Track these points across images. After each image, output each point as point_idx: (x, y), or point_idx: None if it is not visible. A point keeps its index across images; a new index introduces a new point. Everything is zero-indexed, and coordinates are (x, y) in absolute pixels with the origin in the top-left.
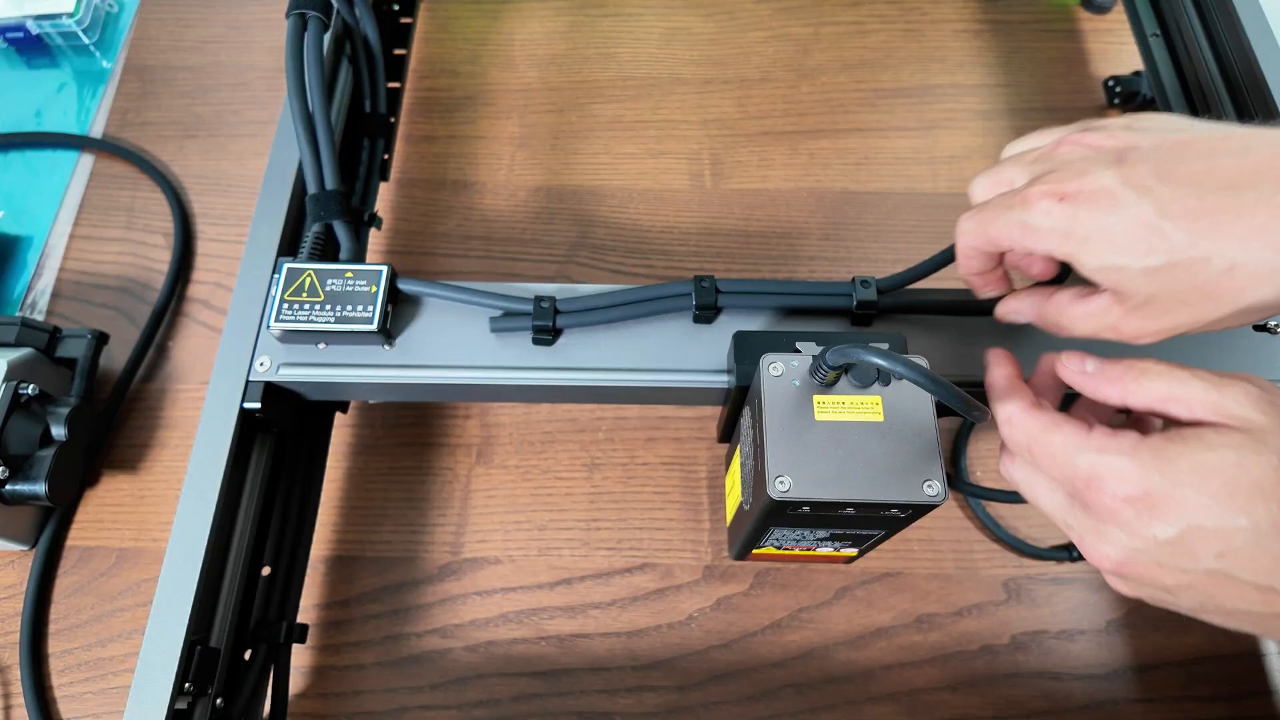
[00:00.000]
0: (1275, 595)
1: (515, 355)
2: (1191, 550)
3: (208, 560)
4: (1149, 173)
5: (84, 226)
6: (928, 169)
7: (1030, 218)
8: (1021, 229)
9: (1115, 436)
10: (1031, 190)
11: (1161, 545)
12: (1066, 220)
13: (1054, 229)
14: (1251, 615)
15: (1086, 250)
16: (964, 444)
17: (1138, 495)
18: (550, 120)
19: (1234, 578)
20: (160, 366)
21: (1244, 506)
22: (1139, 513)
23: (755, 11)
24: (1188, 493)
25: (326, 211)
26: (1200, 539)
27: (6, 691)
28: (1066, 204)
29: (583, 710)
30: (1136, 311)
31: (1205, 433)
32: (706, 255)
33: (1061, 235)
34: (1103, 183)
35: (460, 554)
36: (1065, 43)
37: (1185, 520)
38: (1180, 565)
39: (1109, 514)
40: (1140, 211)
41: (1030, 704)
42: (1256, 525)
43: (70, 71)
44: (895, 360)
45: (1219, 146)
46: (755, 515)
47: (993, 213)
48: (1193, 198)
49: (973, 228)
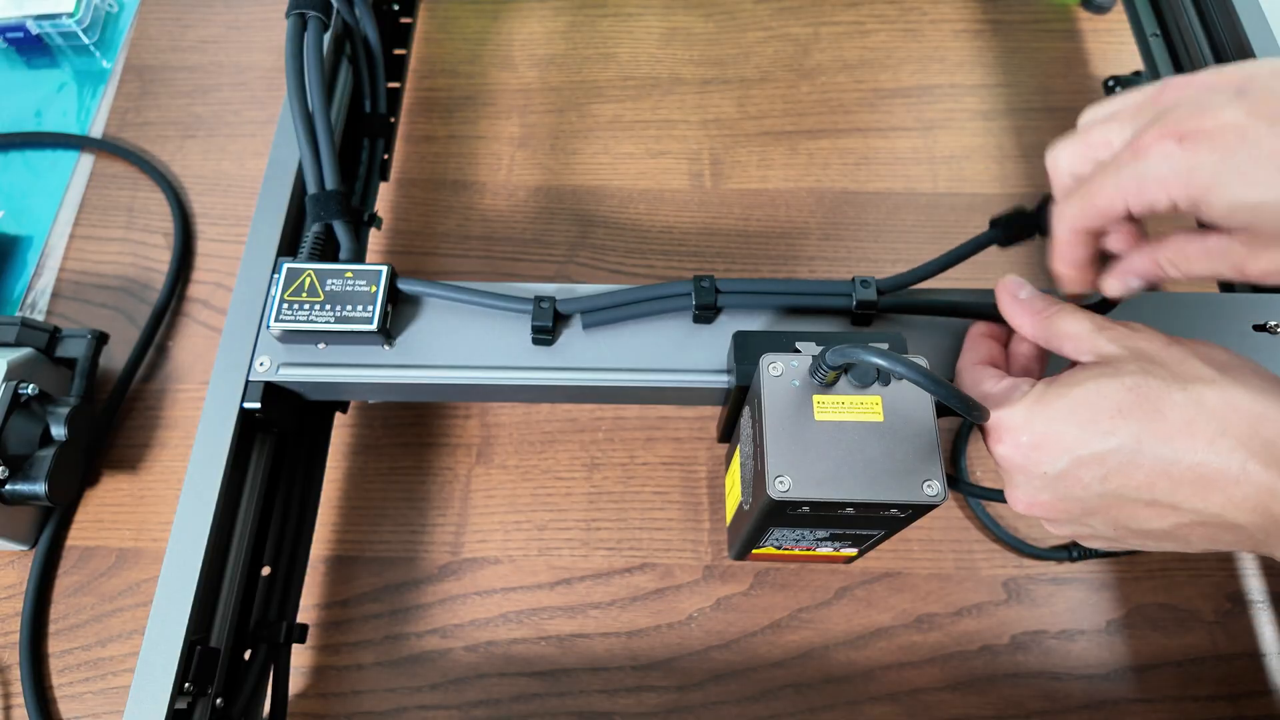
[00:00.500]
0: (1163, 508)
1: (515, 355)
2: (1079, 478)
3: (208, 560)
4: (1276, 101)
5: (84, 226)
6: (927, 169)
7: (1147, 167)
8: (1137, 183)
9: (1010, 390)
10: (1144, 137)
11: (1054, 480)
12: (1189, 162)
13: (1176, 174)
14: (1159, 532)
15: (1215, 192)
16: (964, 444)
17: (1026, 440)
18: (550, 120)
19: (1123, 497)
20: (160, 366)
21: (1108, 428)
22: (1027, 454)
23: (755, 11)
24: (1063, 428)
25: (326, 211)
26: (1082, 466)
27: (6, 691)
28: (1188, 144)
29: (582, 710)
30: (1267, 248)
31: (1076, 372)
32: (706, 255)
33: (1185, 181)
34: (1227, 117)
35: (460, 554)
36: (1065, 43)
37: (1068, 453)
38: (1075, 495)
39: (1008, 461)
40: (1274, 143)
41: (1030, 704)
42: (1123, 444)
43: (70, 71)
44: (895, 360)
45: None
46: (755, 515)
47: (1099, 181)
48: None
49: (1079, 207)
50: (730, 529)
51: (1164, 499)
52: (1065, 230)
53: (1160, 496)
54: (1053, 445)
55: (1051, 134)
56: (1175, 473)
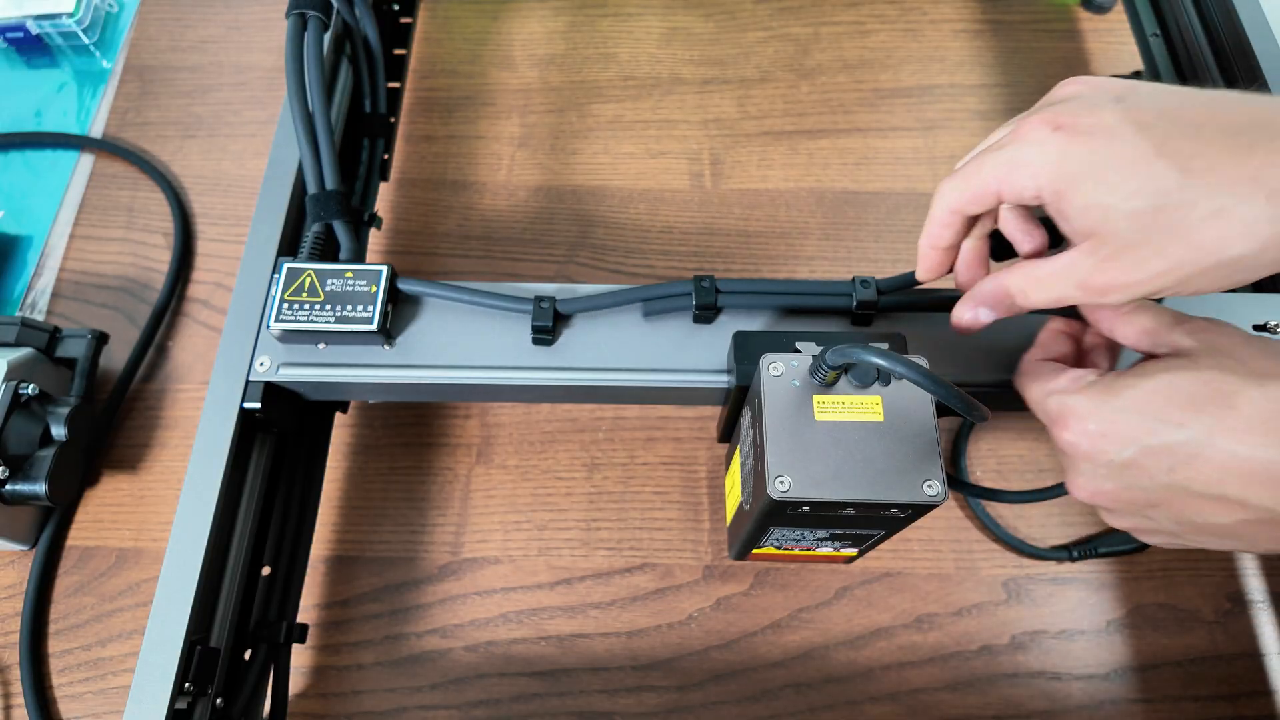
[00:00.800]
0: (1231, 504)
1: (515, 355)
2: (1146, 469)
3: (208, 560)
4: (1150, 111)
5: (84, 226)
6: (927, 169)
7: (1021, 151)
8: (1009, 166)
9: (1078, 379)
10: (1027, 122)
11: (1120, 469)
12: (1060, 150)
13: (1046, 161)
14: (1223, 529)
15: (1076, 186)
16: (964, 444)
17: (1094, 428)
18: (550, 120)
19: (1189, 490)
20: (160, 366)
21: (1180, 420)
22: (1094, 442)
23: (755, 11)
24: (1133, 417)
25: (326, 211)
26: (1150, 457)
27: (6, 691)
28: (1062, 133)
29: (582, 710)
30: (1111, 260)
31: (1150, 364)
32: (706, 255)
33: (1054, 166)
34: (1102, 117)
35: (460, 554)
36: (1065, 43)
37: (1136, 443)
38: (1140, 484)
39: (1074, 448)
40: (1136, 147)
41: (1030, 704)
42: (1193, 437)
43: (70, 71)
44: (895, 360)
45: (1220, 97)
46: (755, 515)
47: (978, 161)
48: (1189, 138)
49: (956, 186)
50: (730, 529)
51: (1233, 495)
52: (940, 208)
53: (1229, 492)
54: (1121, 434)
55: None
56: (1246, 469)
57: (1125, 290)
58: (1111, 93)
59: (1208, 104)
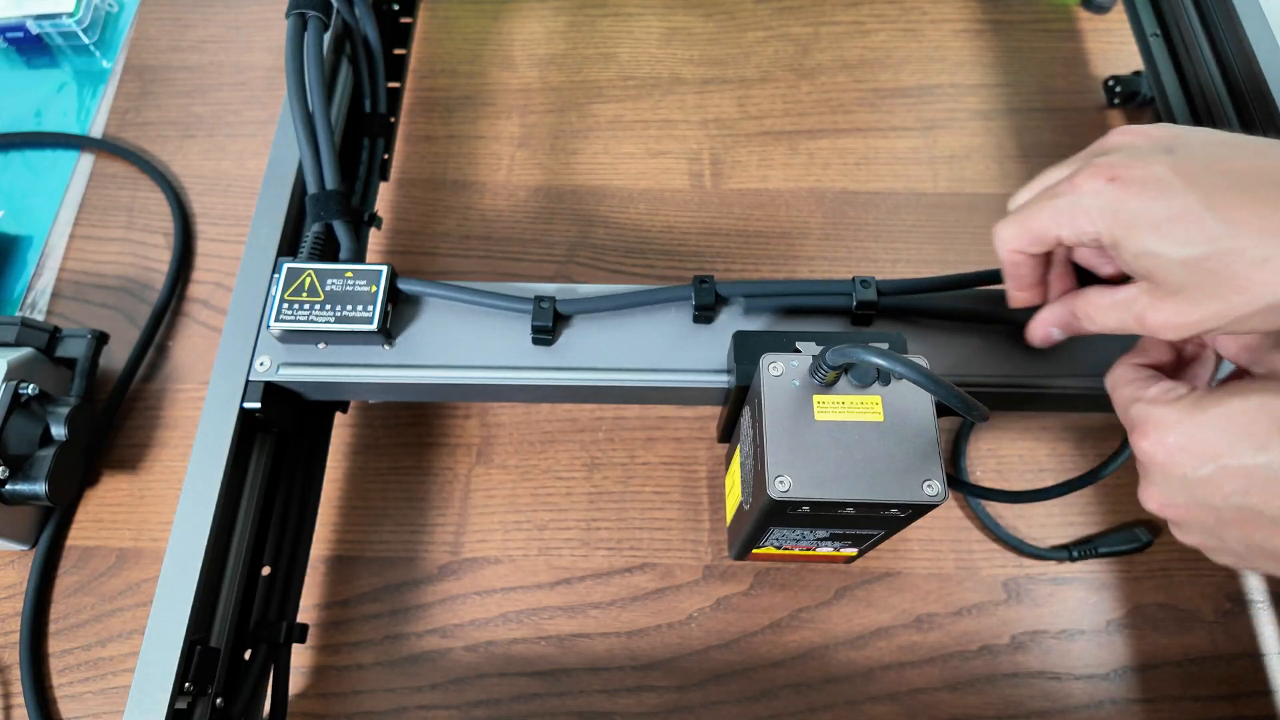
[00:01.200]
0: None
1: (515, 355)
2: (1220, 487)
3: (208, 560)
4: (1198, 164)
5: (84, 226)
6: (927, 169)
7: (1080, 199)
8: (1070, 212)
9: (1168, 390)
10: (1082, 174)
11: (1194, 484)
12: (1115, 201)
13: (1102, 210)
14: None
15: (1130, 234)
16: (964, 444)
17: (1173, 441)
18: (550, 120)
19: (1262, 514)
20: (160, 366)
21: (1263, 444)
22: (1172, 454)
23: (755, 11)
24: (1215, 435)
25: (326, 211)
26: (1227, 476)
27: (6, 691)
28: (1117, 185)
29: (582, 710)
30: (1165, 301)
31: (1241, 384)
32: (706, 255)
33: (1110, 218)
34: (1154, 170)
35: (460, 554)
36: (1065, 42)
37: (1214, 461)
38: (1211, 503)
39: (1150, 458)
40: (1186, 200)
41: (1030, 704)
42: (1274, 461)
43: (70, 71)
44: (895, 360)
45: (1266, 149)
46: (755, 515)
47: (1035, 206)
48: (1235, 190)
49: (1014, 230)
50: (730, 529)
51: None
52: (1004, 251)
53: None
54: (1201, 450)
55: (1052, 134)
56: None
57: (1179, 329)
58: (1162, 143)
59: (1254, 155)
